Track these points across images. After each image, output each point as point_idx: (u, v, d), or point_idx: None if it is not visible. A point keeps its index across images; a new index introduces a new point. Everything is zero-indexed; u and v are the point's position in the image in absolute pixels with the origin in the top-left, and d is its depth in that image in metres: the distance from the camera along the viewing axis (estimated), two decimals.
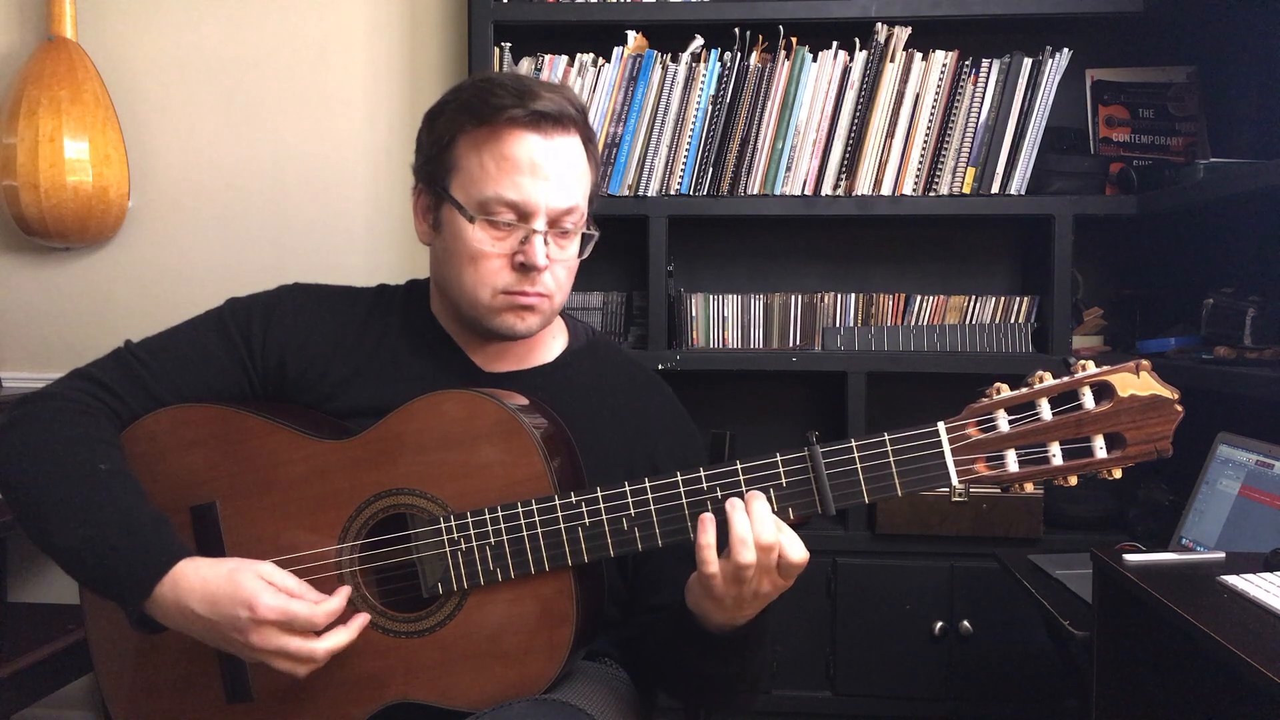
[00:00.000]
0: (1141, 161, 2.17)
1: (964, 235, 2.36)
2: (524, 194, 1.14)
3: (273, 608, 1.05)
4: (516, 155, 1.15)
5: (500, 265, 1.17)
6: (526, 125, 1.14)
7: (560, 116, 1.15)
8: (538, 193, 1.15)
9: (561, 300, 1.23)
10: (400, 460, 1.12)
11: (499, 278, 1.17)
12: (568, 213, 1.17)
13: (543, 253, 1.15)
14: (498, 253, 1.16)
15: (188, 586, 1.07)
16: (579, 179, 1.19)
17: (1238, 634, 1.07)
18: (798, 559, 1.00)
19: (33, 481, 1.12)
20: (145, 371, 1.20)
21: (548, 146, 1.15)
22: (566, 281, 1.22)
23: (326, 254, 2.42)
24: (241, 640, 1.06)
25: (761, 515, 1.00)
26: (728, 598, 1.02)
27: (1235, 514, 1.60)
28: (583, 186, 1.20)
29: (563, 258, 1.20)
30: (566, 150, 1.17)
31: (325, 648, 1.07)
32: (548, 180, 1.15)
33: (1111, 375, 0.98)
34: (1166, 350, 1.95)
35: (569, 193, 1.17)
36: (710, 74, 2.15)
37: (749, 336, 2.25)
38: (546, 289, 1.19)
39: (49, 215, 2.29)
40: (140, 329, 1.30)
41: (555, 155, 1.15)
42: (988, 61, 2.13)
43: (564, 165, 1.16)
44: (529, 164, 1.14)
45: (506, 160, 1.15)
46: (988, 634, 2.12)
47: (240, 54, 2.44)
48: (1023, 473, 0.99)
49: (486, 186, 1.15)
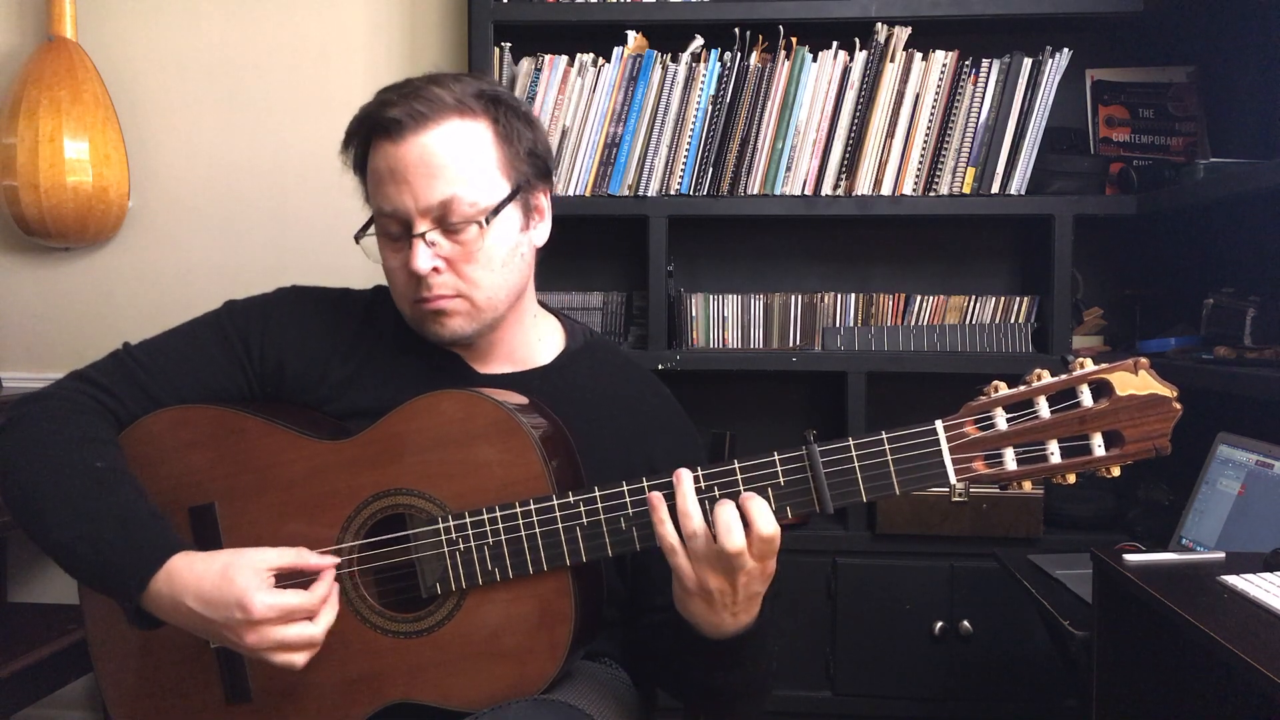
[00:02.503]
0: (1141, 161, 2.17)
1: (964, 235, 2.36)
2: (392, 203, 1.15)
3: (269, 605, 1.05)
4: (378, 168, 1.16)
5: (403, 275, 1.17)
6: (382, 136, 1.15)
7: (407, 119, 1.13)
8: (402, 198, 1.14)
9: (489, 296, 1.18)
10: (399, 460, 1.12)
11: (408, 289, 1.18)
12: (445, 206, 1.13)
13: (425, 256, 1.14)
14: (400, 264, 1.17)
15: (182, 582, 1.07)
16: (451, 166, 1.13)
17: (1238, 634, 1.07)
18: (769, 533, 0.98)
19: (30, 479, 1.12)
20: (143, 373, 1.20)
21: (400, 151, 1.13)
22: (481, 274, 1.17)
23: (326, 254, 2.42)
24: (237, 639, 1.06)
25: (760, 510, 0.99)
26: (708, 583, 1.00)
27: (1235, 514, 1.60)
28: (465, 172, 1.14)
29: (462, 253, 1.15)
30: (425, 146, 1.13)
31: (321, 629, 1.07)
32: (408, 183, 1.13)
33: (1110, 373, 0.97)
34: (1166, 350, 1.95)
35: (437, 187, 1.13)
36: (710, 74, 2.15)
37: (749, 336, 2.25)
38: (449, 288, 1.16)
39: (49, 215, 2.30)
40: (140, 329, 1.30)
41: (410, 155, 1.13)
42: (988, 61, 2.13)
43: (423, 163, 1.13)
44: (388, 173, 1.14)
45: (374, 175, 1.17)
46: (988, 634, 2.12)
47: (240, 54, 2.44)
48: (1021, 471, 0.99)
49: (372, 202, 1.18)
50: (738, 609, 1.03)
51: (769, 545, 0.99)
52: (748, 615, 1.04)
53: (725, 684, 1.12)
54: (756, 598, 1.03)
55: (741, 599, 1.02)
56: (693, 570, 1.00)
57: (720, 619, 1.03)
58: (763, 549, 0.99)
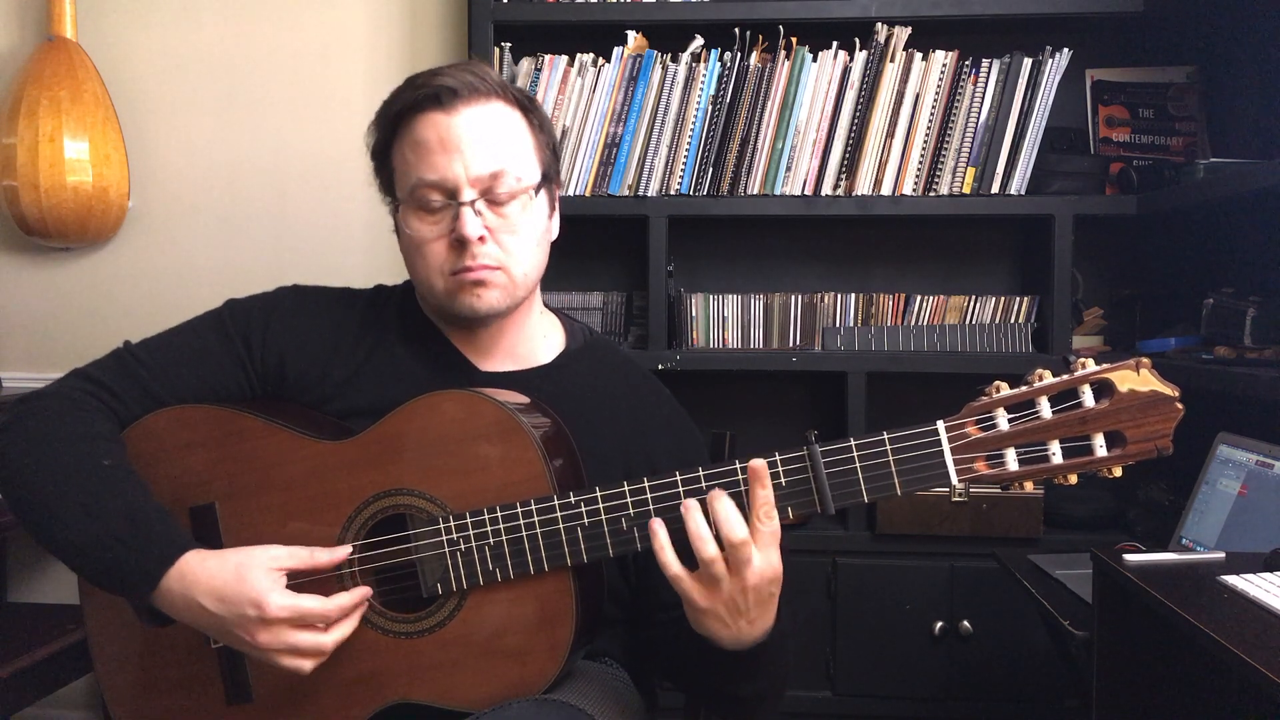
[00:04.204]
0: (1141, 161, 2.17)
1: (964, 235, 2.36)
2: (440, 171, 1.15)
3: (284, 607, 1.05)
4: (425, 137, 1.16)
5: (441, 247, 1.17)
6: (430, 106, 1.15)
7: (463, 89, 1.15)
8: (453, 166, 1.14)
9: (525, 271, 1.19)
10: (399, 460, 1.12)
11: (444, 260, 1.17)
12: (494, 177, 1.15)
13: (475, 223, 1.14)
14: (436, 236, 1.17)
15: (194, 579, 1.07)
16: (501, 141, 1.16)
17: (1238, 634, 1.07)
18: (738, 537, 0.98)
19: (35, 478, 1.11)
20: (144, 371, 1.20)
21: (454, 120, 1.15)
22: (521, 249, 1.18)
23: (326, 254, 2.42)
24: (249, 638, 1.06)
25: (728, 513, 0.99)
26: (718, 606, 1.00)
27: (1235, 514, 1.60)
28: (511, 149, 1.17)
29: (506, 225, 1.17)
30: (479, 118, 1.16)
31: (333, 640, 1.07)
32: (460, 152, 1.14)
33: (1111, 373, 0.97)
34: (1166, 350, 1.95)
35: (489, 157, 1.15)
36: (710, 74, 2.15)
37: (749, 336, 2.25)
38: (493, 259, 1.16)
39: (49, 215, 2.29)
40: (140, 329, 1.30)
41: (465, 126, 1.15)
42: (988, 61, 2.13)
43: (477, 133, 1.15)
44: (439, 141, 1.15)
45: (420, 145, 1.16)
46: (988, 634, 2.12)
47: (240, 54, 2.44)
48: (1022, 471, 0.99)
49: (410, 175, 1.17)
50: (753, 615, 1.02)
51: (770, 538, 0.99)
52: (764, 623, 1.04)
53: (749, 692, 1.12)
54: (771, 601, 1.02)
55: (753, 602, 1.01)
56: (702, 590, 1.00)
57: (738, 629, 1.03)
58: (766, 543, 0.99)
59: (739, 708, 1.16)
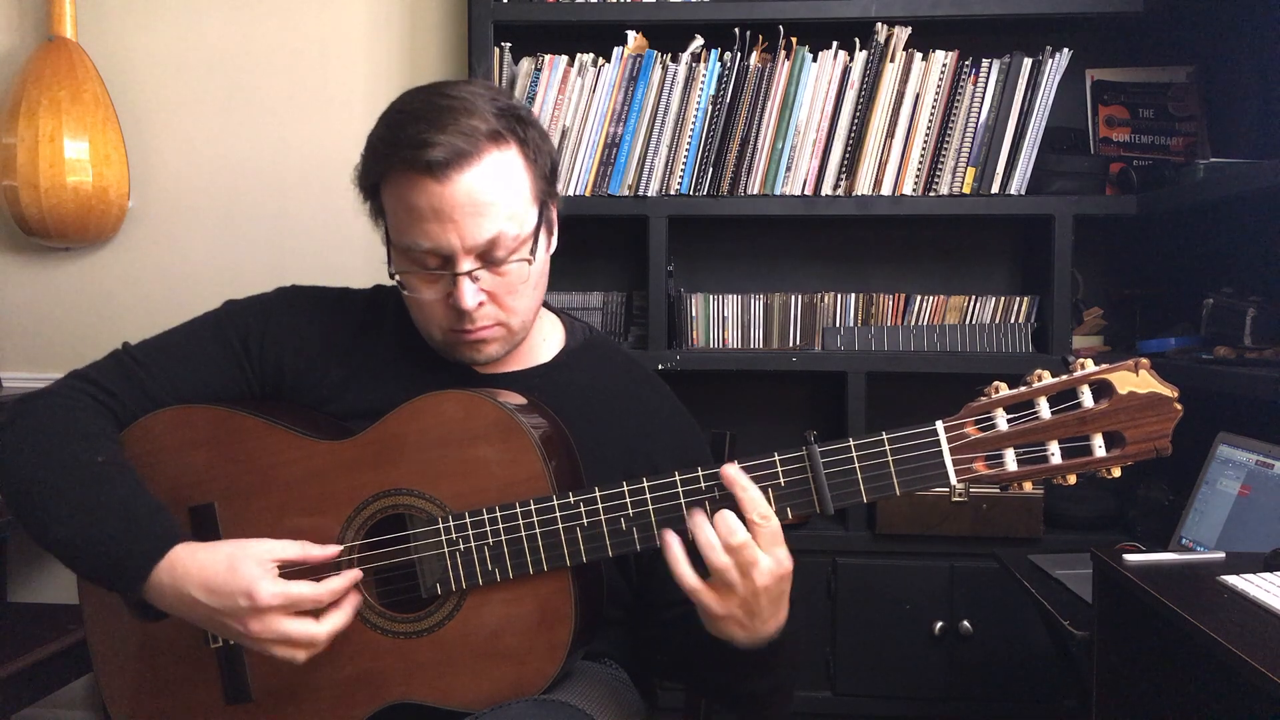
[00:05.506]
0: (1141, 161, 2.17)
1: (964, 235, 2.36)
2: (434, 239, 1.11)
3: (275, 594, 1.05)
4: (418, 205, 1.11)
5: (440, 307, 1.15)
6: (422, 172, 1.09)
7: (453, 158, 1.09)
8: (448, 237, 1.10)
9: (524, 320, 1.19)
10: (399, 461, 1.12)
11: (442, 318, 1.16)
12: (492, 243, 1.12)
13: (471, 293, 1.12)
14: (434, 297, 1.15)
15: (184, 572, 1.07)
16: (497, 201, 1.11)
17: (1238, 634, 1.07)
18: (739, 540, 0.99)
19: (30, 475, 1.12)
20: (143, 373, 1.20)
21: (445, 191, 1.09)
22: (523, 300, 1.17)
23: (326, 254, 2.42)
24: (241, 629, 1.06)
25: (725, 519, 0.99)
26: (735, 611, 1.01)
27: (1235, 514, 1.60)
28: (507, 205, 1.12)
29: (505, 285, 1.15)
30: (472, 185, 1.10)
31: (326, 630, 1.07)
32: (455, 222, 1.10)
33: (1110, 373, 0.97)
34: (1166, 350, 1.95)
35: (486, 224, 1.11)
36: (710, 74, 2.15)
37: (749, 336, 2.25)
38: (494, 319, 1.16)
39: (49, 215, 2.29)
40: (140, 329, 1.30)
41: (457, 196, 1.10)
42: (988, 61, 2.13)
43: (470, 202, 1.10)
44: (431, 211, 1.10)
45: (412, 210, 1.11)
46: (988, 634, 2.12)
47: (240, 54, 2.44)
48: (1022, 472, 0.99)
49: (405, 235, 1.13)
50: (767, 615, 1.02)
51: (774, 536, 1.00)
52: (778, 620, 1.04)
53: (765, 688, 1.12)
54: (783, 598, 1.03)
55: (766, 602, 1.01)
56: (718, 598, 1.00)
57: (754, 629, 1.03)
58: (769, 541, 1.00)
59: (753, 703, 1.16)
